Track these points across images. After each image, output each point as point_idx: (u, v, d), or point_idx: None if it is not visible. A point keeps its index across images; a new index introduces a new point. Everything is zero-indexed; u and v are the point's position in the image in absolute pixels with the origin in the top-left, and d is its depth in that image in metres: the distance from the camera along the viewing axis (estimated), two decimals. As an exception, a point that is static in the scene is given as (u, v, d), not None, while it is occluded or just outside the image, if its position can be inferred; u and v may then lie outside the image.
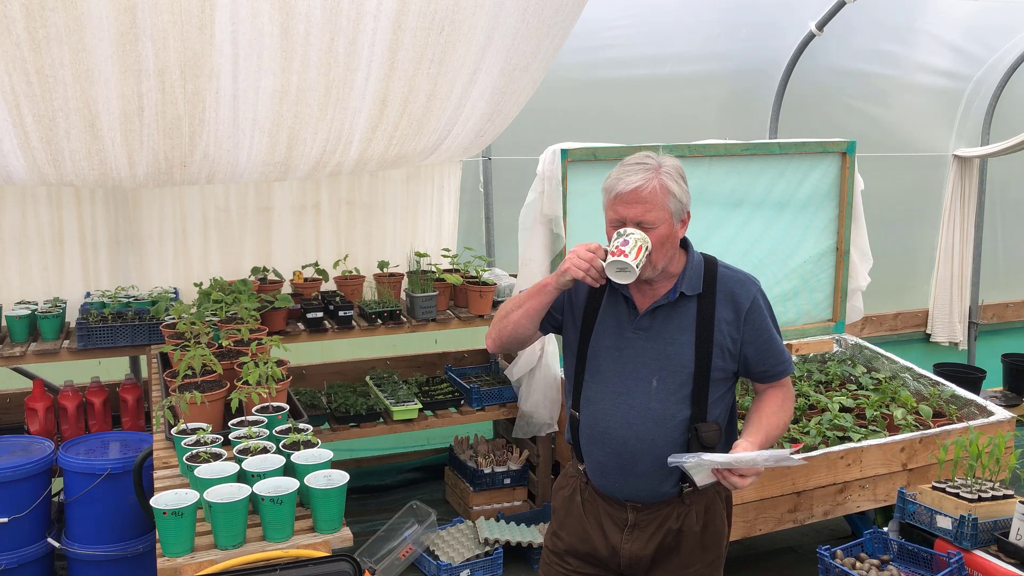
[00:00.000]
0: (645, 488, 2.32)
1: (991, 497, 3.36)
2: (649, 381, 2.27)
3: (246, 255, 4.56)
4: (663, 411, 2.26)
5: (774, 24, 5.69)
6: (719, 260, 2.38)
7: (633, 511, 2.35)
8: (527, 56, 3.83)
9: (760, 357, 2.31)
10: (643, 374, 2.28)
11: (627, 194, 2.17)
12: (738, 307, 2.28)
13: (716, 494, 2.40)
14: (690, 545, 2.35)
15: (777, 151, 4.57)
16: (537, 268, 4.08)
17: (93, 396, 4.02)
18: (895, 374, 4.57)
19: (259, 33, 3.05)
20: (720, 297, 2.29)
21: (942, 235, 6.66)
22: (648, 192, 2.16)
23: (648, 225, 2.17)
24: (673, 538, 2.34)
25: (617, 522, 2.37)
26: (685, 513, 2.34)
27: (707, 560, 2.39)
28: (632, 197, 2.16)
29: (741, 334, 2.28)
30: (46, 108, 3.01)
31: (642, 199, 2.16)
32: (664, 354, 2.27)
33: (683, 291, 2.27)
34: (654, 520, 2.34)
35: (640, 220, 2.16)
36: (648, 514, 2.34)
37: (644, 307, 2.30)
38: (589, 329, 2.36)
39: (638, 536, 2.34)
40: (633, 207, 2.16)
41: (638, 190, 2.16)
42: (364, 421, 4.26)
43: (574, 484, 2.48)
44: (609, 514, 2.38)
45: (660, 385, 2.26)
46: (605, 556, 2.38)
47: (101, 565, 3.55)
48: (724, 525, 2.43)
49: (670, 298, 2.28)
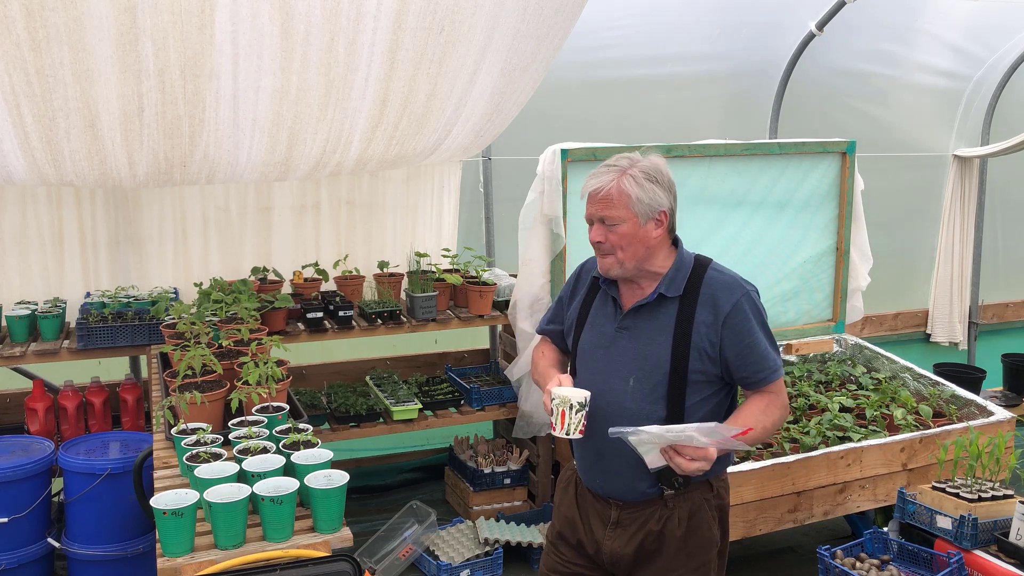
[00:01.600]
0: (622, 486, 2.37)
1: (991, 497, 3.36)
2: (627, 380, 2.31)
3: (246, 255, 4.56)
4: (637, 410, 2.29)
5: (774, 24, 5.68)
6: (713, 263, 2.38)
7: (616, 508, 2.40)
8: (527, 56, 3.84)
9: (741, 363, 2.30)
10: (622, 373, 2.33)
11: (591, 193, 2.31)
12: (718, 311, 2.29)
13: (704, 501, 2.39)
14: (672, 549, 2.36)
15: (777, 151, 4.57)
16: (537, 268, 4.08)
17: (93, 396, 4.02)
18: (895, 374, 4.57)
19: (259, 33, 3.05)
20: (702, 300, 2.30)
21: (942, 235, 6.66)
22: (605, 193, 2.27)
23: (611, 222, 2.28)
24: (654, 540, 2.36)
25: (602, 518, 2.43)
26: (667, 516, 2.36)
27: (692, 567, 2.38)
28: (594, 196, 2.30)
29: (719, 338, 2.28)
30: (46, 108, 3.01)
31: (602, 199, 2.28)
32: (642, 354, 2.31)
33: (662, 292, 2.31)
34: (636, 520, 2.37)
35: (603, 217, 2.29)
36: (630, 513, 2.38)
37: (628, 306, 2.36)
38: (581, 328, 2.46)
39: (620, 534, 2.39)
40: (596, 205, 2.30)
41: (598, 191, 2.29)
42: (364, 421, 4.26)
43: (569, 477, 2.58)
44: (596, 509, 2.45)
45: (636, 384, 2.30)
46: (591, 551, 2.45)
47: (101, 565, 3.55)
48: (713, 534, 2.41)
49: (650, 298, 2.33)
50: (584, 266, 2.56)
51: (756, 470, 3.51)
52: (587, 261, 2.56)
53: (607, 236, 2.29)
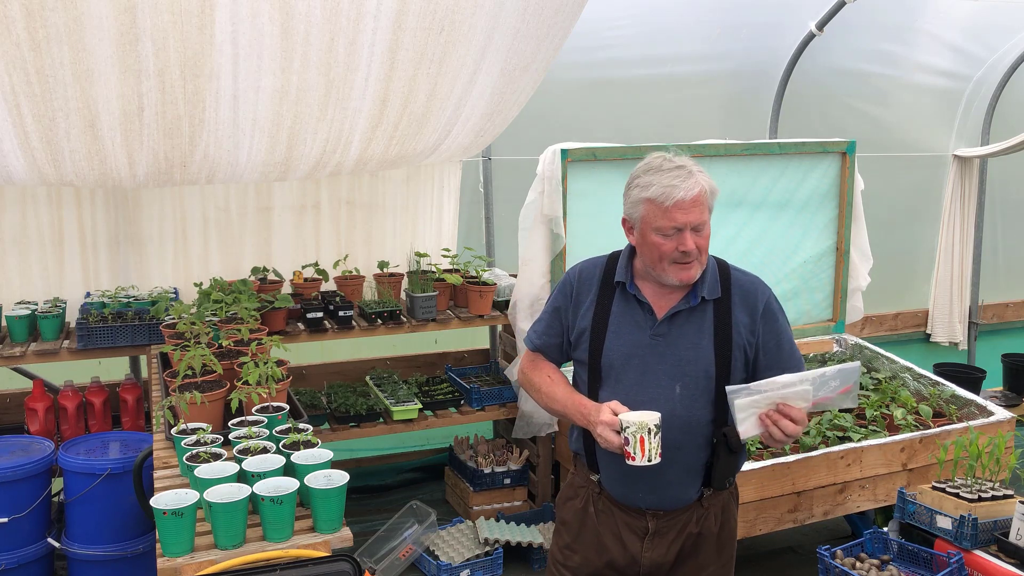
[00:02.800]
0: (671, 495, 2.30)
1: (991, 497, 3.36)
2: (672, 388, 2.24)
3: (246, 255, 4.56)
4: (689, 417, 2.24)
5: (774, 24, 5.68)
6: (730, 263, 2.37)
7: (653, 518, 2.32)
8: (527, 56, 3.83)
9: (775, 359, 2.28)
10: (665, 382, 2.24)
11: (688, 201, 2.14)
12: (753, 310, 2.27)
13: (730, 496, 2.41)
14: (708, 547, 2.35)
15: (777, 151, 4.57)
16: (537, 268, 4.08)
17: (93, 396, 4.02)
18: (895, 374, 4.57)
19: (259, 33, 3.05)
20: (735, 300, 2.28)
21: (942, 235, 6.66)
22: (695, 198, 2.15)
23: (701, 226, 2.17)
24: (693, 542, 2.34)
25: (636, 531, 2.34)
26: (704, 516, 2.34)
27: (722, 561, 2.39)
28: (692, 204, 2.15)
29: (756, 337, 2.27)
30: (46, 108, 3.01)
31: (695, 204, 2.15)
32: (685, 359, 2.24)
33: (704, 295, 2.25)
34: (675, 526, 2.33)
35: (698, 224, 2.16)
36: (668, 520, 2.32)
37: (663, 312, 2.27)
38: (602, 337, 2.31)
39: (659, 543, 2.33)
40: (691, 212, 2.15)
41: (698, 196, 2.15)
42: (364, 421, 4.26)
43: (585, 494, 2.42)
44: (627, 523, 2.35)
45: (683, 391, 2.23)
46: (623, 565, 2.35)
47: (101, 565, 3.54)
48: (736, 523, 2.44)
49: (691, 303, 2.25)
50: (581, 273, 2.40)
51: (756, 470, 3.51)
52: (581, 267, 2.42)
53: (696, 242, 2.17)
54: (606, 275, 2.35)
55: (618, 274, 2.32)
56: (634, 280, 2.32)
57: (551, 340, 2.44)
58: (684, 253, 2.16)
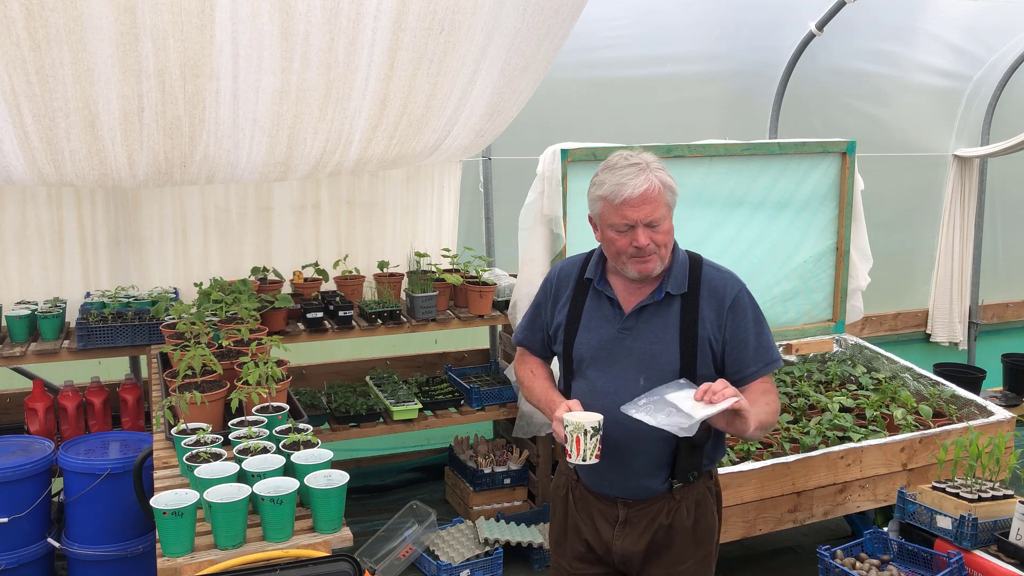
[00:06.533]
0: (636, 485, 2.35)
1: (991, 497, 3.36)
2: (636, 380, 2.29)
3: (246, 255, 4.56)
4: None
5: (774, 24, 5.68)
6: (704, 258, 2.39)
7: (624, 507, 2.38)
8: (527, 56, 3.83)
9: (740, 354, 2.29)
10: (631, 374, 2.30)
11: (636, 198, 2.18)
12: (721, 305, 2.30)
13: (707, 489, 2.42)
14: (682, 541, 2.37)
15: (777, 151, 4.57)
16: (537, 268, 4.08)
17: (93, 396, 4.02)
18: (895, 374, 4.57)
19: (259, 33, 3.05)
20: (704, 295, 2.31)
21: (942, 235, 6.66)
22: (645, 194, 2.19)
23: (656, 222, 2.21)
24: (664, 534, 2.36)
25: (608, 518, 2.40)
26: (675, 508, 2.36)
27: (699, 556, 2.41)
28: (641, 200, 2.19)
29: (723, 332, 2.30)
30: (46, 108, 3.01)
31: (646, 200, 2.19)
32: (650, 353, 2.29)
33: (668, 291, 2.30)
34: (645, 516, 2.37)
35: (652, 220, 2.20)
36: (639, 510, 2.37)
37: (630, 307, 2.33)
38: (574, 331, 2.39)
39: (629, 532, 2.37)
40: (641, 208, 2.19)
41: (647, 192, 2.18)
42: (364, 421, 4.26)
43: (565, 483, 2.52)
44: (600, 511, 2.42)
45: (647, 384, 2.27)
46: (600, 553, 2.43)
47: (101, 565, 3.55)
48: (715, 520, 2.45)
49: (656, 297, 2.30)
50: (561, 270, 2.48)
51: (756, 470, 3.51)
52: (562, 265, 2.50)
53: (652, 238, 2.22)
54: (582, 272, 2.43)
55: (588, 271, 2.40)
56: (606, 276, 2.39)
57: (534, 335, 2.55)
58: (638, 249, 2.22)
